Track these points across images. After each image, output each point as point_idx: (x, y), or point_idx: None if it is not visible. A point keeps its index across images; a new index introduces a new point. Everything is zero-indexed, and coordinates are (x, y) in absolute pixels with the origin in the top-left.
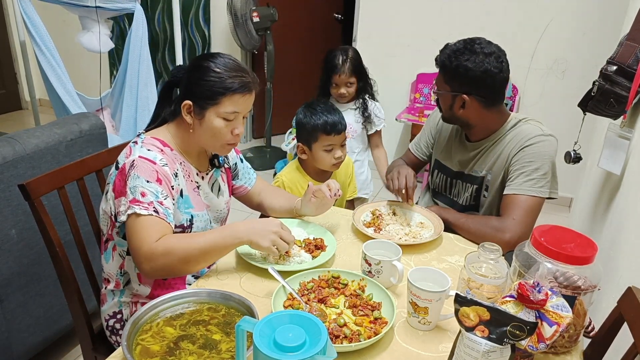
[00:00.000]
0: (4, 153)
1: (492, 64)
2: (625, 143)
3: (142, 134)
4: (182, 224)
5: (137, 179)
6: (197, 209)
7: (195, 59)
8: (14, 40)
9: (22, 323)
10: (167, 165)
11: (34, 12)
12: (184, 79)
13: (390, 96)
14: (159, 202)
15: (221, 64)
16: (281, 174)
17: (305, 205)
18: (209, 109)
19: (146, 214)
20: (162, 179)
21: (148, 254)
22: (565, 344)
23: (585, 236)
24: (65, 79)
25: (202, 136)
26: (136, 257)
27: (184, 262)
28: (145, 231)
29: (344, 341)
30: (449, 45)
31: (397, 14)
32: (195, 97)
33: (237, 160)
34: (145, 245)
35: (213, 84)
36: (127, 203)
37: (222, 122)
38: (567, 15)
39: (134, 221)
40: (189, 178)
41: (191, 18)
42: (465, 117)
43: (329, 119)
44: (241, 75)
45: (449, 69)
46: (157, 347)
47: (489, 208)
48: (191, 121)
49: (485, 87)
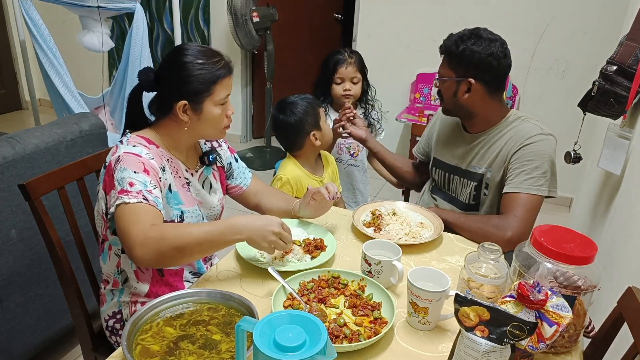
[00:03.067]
0: (4, 153)
1: (497, 48)
2: (625, 143)
3: (128, 133)
4: (172, 219)
5: (123, 171)
6: (187, 204)
7: (169, 59)
8: (14, 40)
9: (22, 323)
10: (154, 159)
11: (35, 12)
12: (167, 81)
13: (390, 96)
14: (148, 191)
15: (199, 55)
16: (284, 173)
17: (303, 207)
18: (206, 101)
19: (135, 201)
20: (149, 169)
21: (141, 238)
22: (565, 344)
23: (585, 236)
24: (67, 78)
25: (201, 128)
26: (127, 242)
27: (178, 250)
28: (137, 217)
29: (344, 341)
30: (453, 34)
31: (397, 14)
32: (188, 95)
33: (231, 160)
34: (137, 230)
35: (203, 76)
36: (115, 194)
37: (219, 109)
38: (567, 15)
39: (122, 210)
40: (177, 174)
41: (191, 18)
42: (469, 105)
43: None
44: (220, 58)
45: (455, 54)
46: (157, 347)
47: (490, 207)
48: (188, 119)
49: (490, 72)
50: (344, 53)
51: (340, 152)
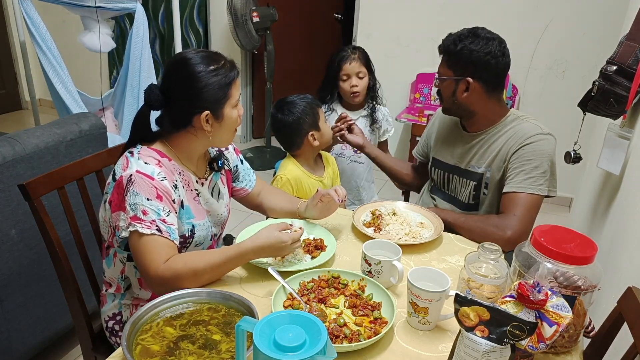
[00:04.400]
0: (4, 153)
1: (495, 47)
2: (625, 143)
3: (139, 145)
4: (184, 234)
5: (136, 196)
6: (198, 218)
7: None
8: (14, 40)
9: (22, 323)
10: (166, 179)
11: (35, 12)
12: (181, 96)
13: (390, 96)
14: (162, 220)
15: (205, 61)
16: (284, 172)
17: (310, 208)
18: (225, 106)
19: (149, 233)
20: (162, 194)
21: (157, 279)
22: (565, 344)
23: (585, 236)
24: (66, 79)
25: (223, 134)
26: (146, 279)
27: (193, 283)
28: (151, 254)
29: (344, 341)
30: (452, 33)
31: (397, 14)
32: (210, 104)
33: (237, 162)
34: (153, 269)
35: (219, 82)
36: (127, 219)
37: (235, 111)
38: (567, 15)
39: (137, 240)
40: (189, 187)
41: (185, 17)
42: (468, 103)
43: (307, 97)
44: (224, 60)
45: (453, 53)
46: (157, 347)
47: (489, 206)
48: (210, 128)
49: (488, 70)
50: (347, 50)
51: (344, 147)
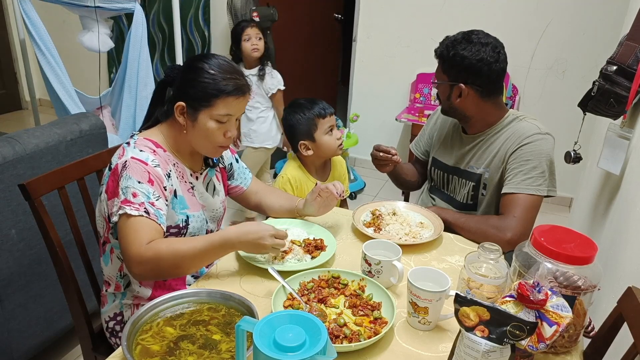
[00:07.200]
0: (4, 153)
1: (488, 53)
2: (625, 143)
3: (135, 135)
4: (177, 224)
5: (129, 179)
6: (192, 209)
7: (189, 60)
8: (14, 40)
9: (22, 323)
10: (159, 166)
11: (34, 12)
12: (178, 80)
13: (390, 96)
14: (150, 203)
15: (215, 66)
16: (285, 172)
17: (309, 204)
18: (202, 111)
19: (137, 214)
20: (153, 179)
21: (137, 257)
22: (565, 344)
23: (585, 236)
24: (64, 79)
25: (195, 138)
26: (125, 259)
27: (174, 267)
28: (135, 233)
29: (344, 341)
30: (447, 37)
31: (397, 14)
32: (188, 99)
33: (232, 161)
34: (134, 248)
35: (206, 85)
36: (118, 204)
37: (215, 125)
38: (567, 15)
39: (124, 222)
40: (183, 179)
41: (190, 18)
42: (463, 108)
43: (318, 104)
44: (235, 77)
45: (447, 59)
46: (157, 347)
47: (488, 207)
48: (184, 122)
49: (481, 77)
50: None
51: None
